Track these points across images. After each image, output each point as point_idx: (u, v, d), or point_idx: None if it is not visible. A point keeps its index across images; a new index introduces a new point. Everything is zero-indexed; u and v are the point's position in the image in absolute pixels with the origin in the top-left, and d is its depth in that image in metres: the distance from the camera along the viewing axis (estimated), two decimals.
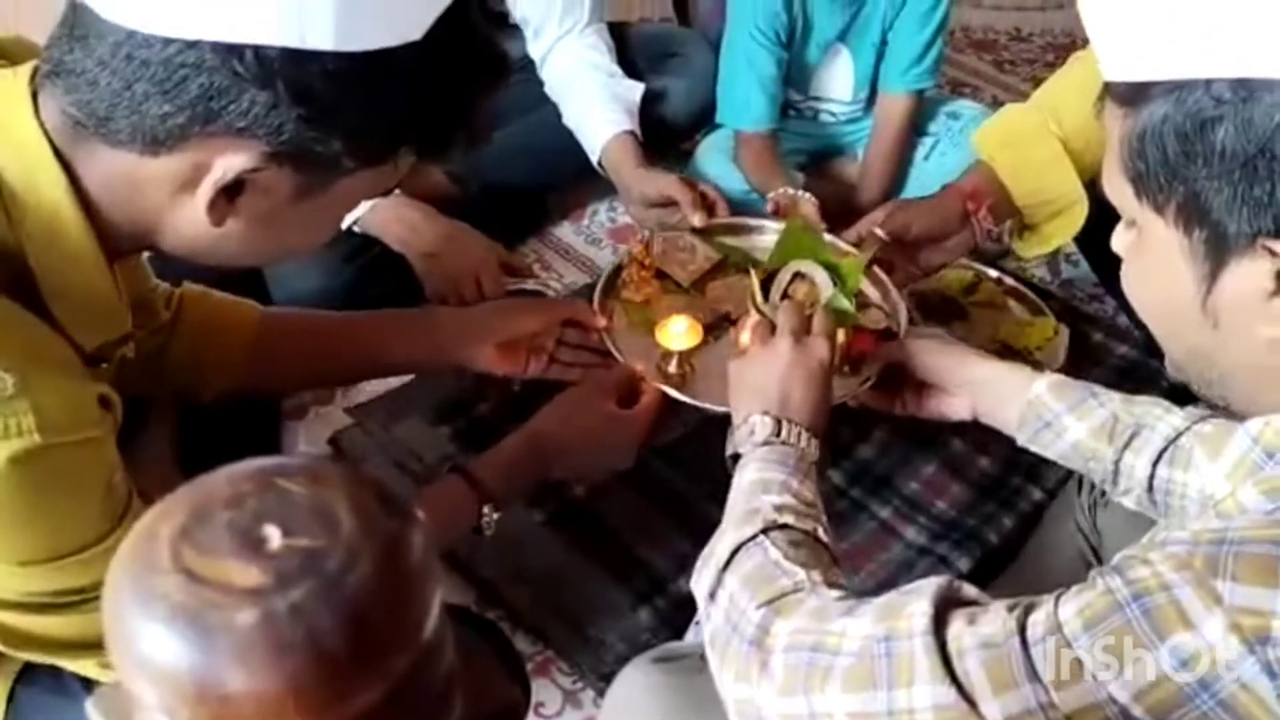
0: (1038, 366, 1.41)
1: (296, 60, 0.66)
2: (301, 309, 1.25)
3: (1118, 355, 1.54)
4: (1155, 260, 0.68)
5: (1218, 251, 0.64)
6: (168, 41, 0.65)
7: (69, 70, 0.68)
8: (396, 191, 1.35)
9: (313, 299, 1.41)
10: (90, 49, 0.67)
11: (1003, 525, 1.30)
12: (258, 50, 0.65)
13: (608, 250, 1.83)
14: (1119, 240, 0.74)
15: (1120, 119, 0.66)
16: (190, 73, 0.66)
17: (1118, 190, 0.69)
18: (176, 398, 1.05)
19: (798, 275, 1.23)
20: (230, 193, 0.71)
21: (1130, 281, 0.74)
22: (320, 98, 0.67)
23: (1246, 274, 0.63)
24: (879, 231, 1.37)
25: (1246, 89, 0.59)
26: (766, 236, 1.39)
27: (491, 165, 1.64)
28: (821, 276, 1.23)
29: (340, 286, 1.47)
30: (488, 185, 1.69)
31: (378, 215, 1.47)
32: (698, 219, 1.43)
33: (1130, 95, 0.65)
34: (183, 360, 1.02)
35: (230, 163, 0.69)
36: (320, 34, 0.65)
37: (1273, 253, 0.61)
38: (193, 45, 0.65)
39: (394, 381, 1.43)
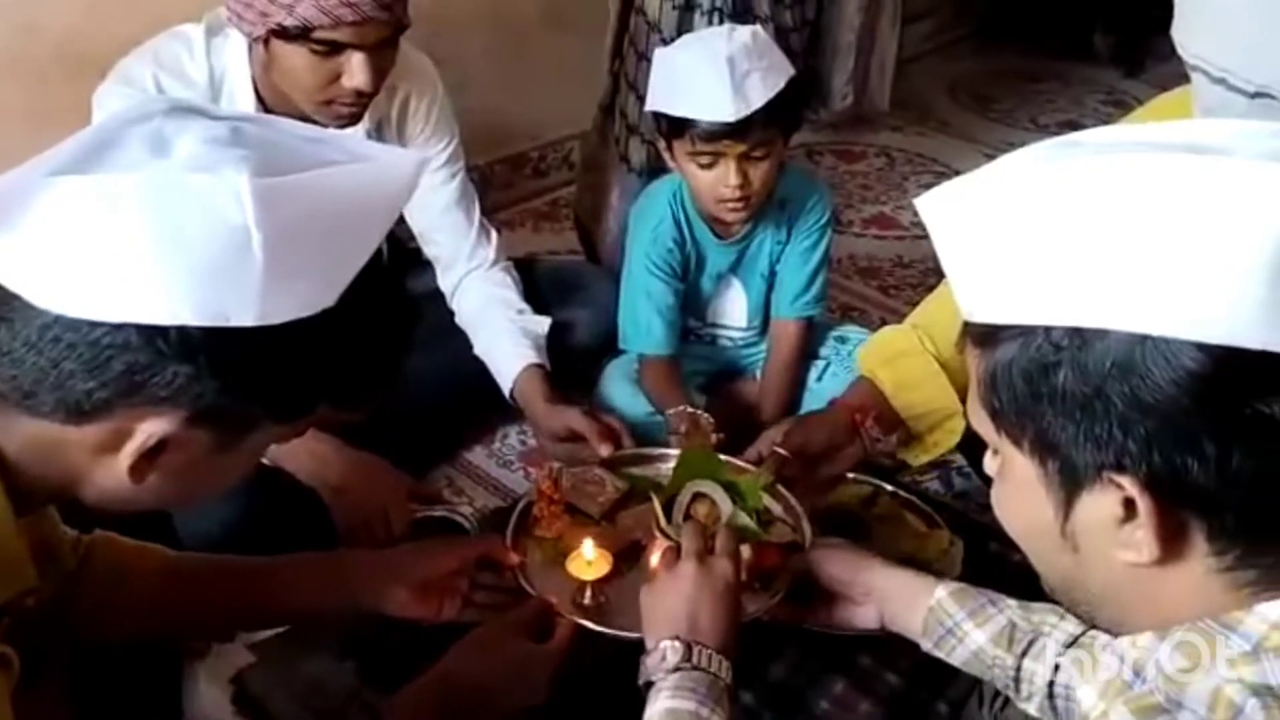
0: (939, 576, 1.47)
1: (218, 336, 0.69)
2: (209, 554, 1.22)
3: (1013, 564, 1.57)
4: (1018, 487, 0.72)
5: (1070, 482, 0.67)
6: (94, 324, 0.68)
7: None
8: None
9: (218, 531, 1.38)
10: (16, 330, 0.69)
11: None
12: (181, 329, 0.68)
13: (519, 473, 1.85)
14: (989, 464, 0.78)
15: (977, 357, 0.71)
16: (115, 352, 0.68)
17: (980, 421, 0.74)
18: (75, 643, 1.02)
19: (698, 495, 1.27)
20: (151, 453, 0.73)
21: (998, 505, 0.77)
22: (240, 368, 0.71)
23: (1097, 503, 0.66)
24: (780, 450, 1.43)
25: (1080, 337, 0.63)
26: (672, 464, 1.43)
27: (404, 392, 1.67)
28: (720, 495, 1.27)
29: (246, 517, 1.44)
30: (400, 412, 1.71)
31: (287, 448, 1.47)
32: (604, 450, 1.48)
33: (984, 337, 0.70)
34: (90, 607, 1.01)
35: (152, 429, 0.72)
36: (243, 313, 0.68)
37: (1118, 485, 0.64)
38: (118, 327, 0.68)
39: None
